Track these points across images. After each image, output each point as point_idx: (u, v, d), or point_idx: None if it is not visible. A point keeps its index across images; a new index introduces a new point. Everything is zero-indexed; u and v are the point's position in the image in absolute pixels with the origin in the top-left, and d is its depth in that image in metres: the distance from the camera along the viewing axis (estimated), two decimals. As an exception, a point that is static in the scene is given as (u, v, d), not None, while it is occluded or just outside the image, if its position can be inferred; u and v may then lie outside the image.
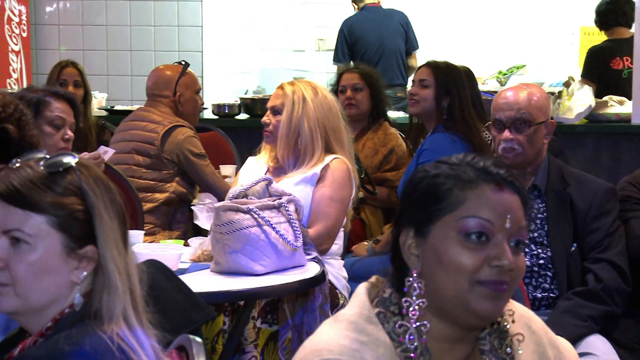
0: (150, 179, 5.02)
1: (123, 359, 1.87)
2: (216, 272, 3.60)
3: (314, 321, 3.80)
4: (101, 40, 8.68)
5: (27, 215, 1.91)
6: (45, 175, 1.94)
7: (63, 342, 1.85)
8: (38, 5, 8.74)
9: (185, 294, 2.58)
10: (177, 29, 8.67)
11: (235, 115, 7.42)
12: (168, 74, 5.26)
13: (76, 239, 1.93)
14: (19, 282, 1.91)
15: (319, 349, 1.83)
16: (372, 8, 8.20)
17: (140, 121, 5.15)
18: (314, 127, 4.09)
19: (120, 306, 1.93)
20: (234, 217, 3.56)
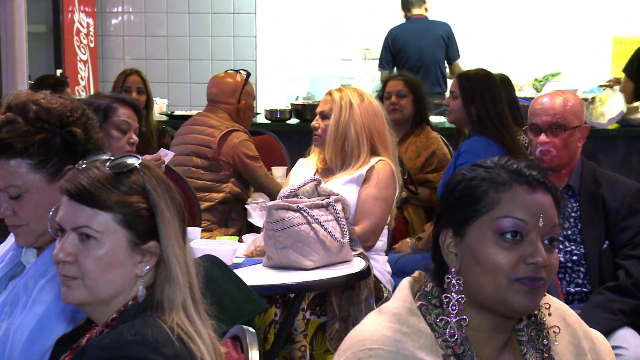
0: (208, 179, 5.04)
1: (182, 347, 1.87)
2: (268, 266, 3.61)
3: (360, 313, 3.79)
4: (162, 50, 8.72)
5: (95, 213, 1.92)
6: (111, 175, 1.94)
7: (127, 332, 1.86)
8: (104, 18, 8.80)
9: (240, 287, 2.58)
10: (232, 40, 8.69)
11: (287, 120, 7.43)
12: (232, 83, 5.27)
13: (140, 234, 1.94)
14: (87, 275, 1.92)
15: (363, 339, 1.83)
16: (417, 19, 8.16)
17: (198, 125, 5.17)
18: (360, 131, 4.09)
19: (180, 297, 1.93)
20: (285, 215, 3.56)
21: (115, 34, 8.83)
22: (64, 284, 1.95)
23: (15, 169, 2.30)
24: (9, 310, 2.30)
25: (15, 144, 2.30)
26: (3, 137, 2.30)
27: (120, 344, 1.84)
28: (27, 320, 2.25)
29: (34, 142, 2.31)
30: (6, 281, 2.40)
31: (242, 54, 8.61)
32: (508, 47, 8.79)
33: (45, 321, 2.24)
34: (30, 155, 2.31)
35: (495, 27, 8.91)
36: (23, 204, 2.31)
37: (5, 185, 2.30)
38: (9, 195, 2.31)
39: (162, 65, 8.63)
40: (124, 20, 8.84)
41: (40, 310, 2.25)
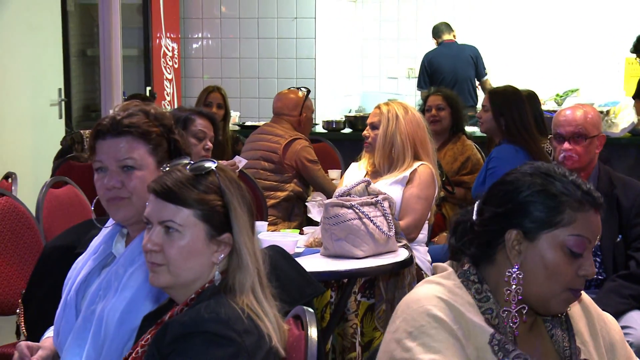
0: (273, 180, 5.05)
1: (251, 324, 1.87)
2: (325, 255, 3.60)
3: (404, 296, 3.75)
4: (235, 70, 8.76)
5: (177, 209, 1.93)
6: (191, 176, 1.95)
7: (203, 310, 1.86)
8: (187, 43, 8.85)
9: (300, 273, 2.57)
10: (295, 61, 8.70)
11: (341, 130, 7.43)
12: (295, 98, 5.29)
13: (216, 227, 1.94)
14: (171, 262, 1.93)
15: (418, 299, 1.82)
16: (448, 44, 8.25)
17: (266, 134, 5.19)
18: (405, 139, 4.07)
19: (250, 282, 1.93)
20: (339, 211, 3.55)
21: (195, 56, 8.88)
22: (151, 270, 1.96)
23: (136, 146, 2.32)
24: (102, 294, 2.31)
25: (139, 127, 2.32)
26: (129, 122, 2.32)
27: (197, 320, 1.84)
28: (118, 303, 2.25)
29: (152, 132, 2.34)
30: (99, 270, 2.40)
31: (303, 73, 8.61)
32: (533, 67, 8.72)
33: (133, 303, 2.24)
34: (149, 140, 2.33)
35: (522, 49, 8.86)
36: (132, 177, 2.31)
37: (124, 157, 2.31)
38: (124, 166, 2.31)
39: (235, 83, 8.65)
40: (203, 45, 8.89)
41: (129, 294, 2.26)
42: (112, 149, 2.32)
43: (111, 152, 2.32)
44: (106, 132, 2.33)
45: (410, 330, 1.78)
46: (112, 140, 2.33)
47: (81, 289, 2.37)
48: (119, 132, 2.32)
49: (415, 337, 1.77)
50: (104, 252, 2.41)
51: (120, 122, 2.33)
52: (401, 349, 1.77)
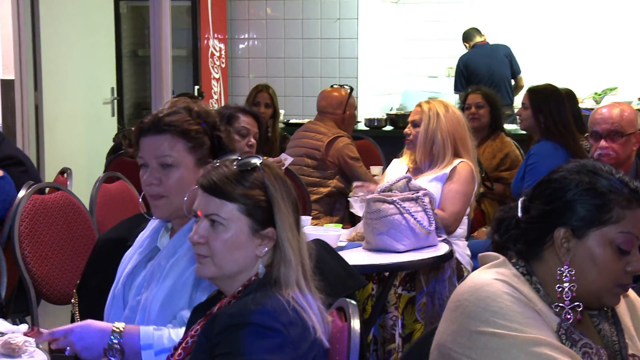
0: (316, 176, 5.07)
1: (296, 316, 1.87)
2: (367, 249, 3.59)
3: (444, 289, 3.76)
4: (280, 69, 8.77)
5: (222, 203, 1.94)
6: (237, 172, 1.95)
7: (250, 302, 1.87)
8: (233, 43, 8.88)
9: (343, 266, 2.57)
10: (338, 60, 8.69)
11: (383, 127, 7.41)
12: (338, 96, 5.29)
13: (259, 222, 1.94)
14: (216, 254, 1.94)
15: (484, 284, 1.79)
16: (481, 45, 8.25)
17: (309, 132, 5.21)
18: (446, 137, 4.04)
19: (294, 275, 1.93)
20: (381, 206, 3.55)
21: (242, 56, 8.91)
22: (198, 261, 1.98)
23: (175, 144, 2.33)
24: (147, 285, 2.34)
25: (179, 126, 2.33)
26: (169, 120, 2.34)
27: (244, 312, 1.85)
28: (159, 292, 2.28)
29: (193, 130, 2.35)
30: (145, 262, 2.42)
31: (346, 72, 8.60)
32: (572, 66, 8.62)
33: (173, 292, 2.27)
34: (188, 138, 2.34)
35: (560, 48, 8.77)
36: (170, 175, 2.33)
37: (163, 154, 2.33)
38: (162, 164, 2.33)
39: (280, 82, 8.66)
40: (249, 45, 8.92)
41: (169, 283, 2.28)
42: (153, 147, 2.34)
43: (151, 149, 2.34)
44: (147, 130, 2.35)
45: (494, 309, 1.73)
46: (152, 138, 2.34)
47: (128, 282, 2.40)
48: (160, 130, 2.34)
49: (503, 315, 1.72)
50: (149, 245, 2.43)
51: (161, 120, 2.34)
52: (479, 321, 1.73)
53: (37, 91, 6.70)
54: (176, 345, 2.01)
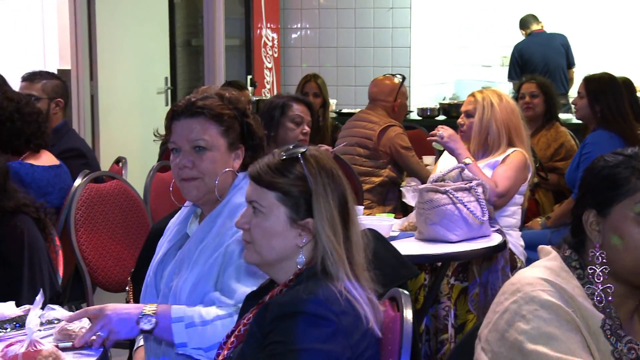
0: (368, 166, 5.07)
1: (348, 306, 1.87)
2: (419, 239, 3.58)
3: (497, 280, 3.73)
4: (332, 58, 8.77)
5: (263, 191, 1.96)
6: (280, 162, 1.97)
7: (302, 291, 1.87)
8: (286, 33, 8.90)
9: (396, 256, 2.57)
10: (390, 50, 8.66)
11: (435, 117, 7.37)
12: (390, 84, 5.29)
13: (298, 212, 1.95)
14: (255, 241, 1.97)
15: (528, 282, 1.79)
16: (537, 34, 8.15)
17: (361, 121, 5.20)
18: (500, 127, 4.00)
19: (339, 267, 1.92)
20: (434, 196, 3.53)
21: (294, 45, 8.92)
22: (245, 246, 2.02)
23: (208, 127, 2.36)
24: (177, 271, 2.37)
25: (213, 109, 2.37)
26: (203, 104, 2.38)
27: (296, 301, 1.86)
28: (189, 278, 2.31)
29: (225, 114, 2.38)
30: (175, 250, 2.45)
31: (399, 61, 8.57)
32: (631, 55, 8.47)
33: (200, 277, 2.30)
34: (221, 122, 2.37)
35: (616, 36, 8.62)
36: (204, 158, 2.36)
37: (197, 138, 2.36)
38: (196, 147, 2.36)
39: (333, 72, 8.66)
40: (302, 35, 8.93)
41: (198, 269, 2.31)
42: (186, 130, 2.37)
43: (184, 132, 2.37)
44: (180, 114, 2.39)
45: (523, 313, 1.75)
46: (185, 121, 2.37)
47: (159, 270, 2.43)
48: (193, 113, 2.37)
49: (528, 320, 1.74)
50: (179, 233, 2.46)
51: (194, 104, 2.37)
52: (514, 330, 1.75)
53: (93, 81, 6.78)
54: (229, 333, 2.03)
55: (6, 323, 2.39)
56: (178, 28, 8.18)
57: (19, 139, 3.67)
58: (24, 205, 2.95)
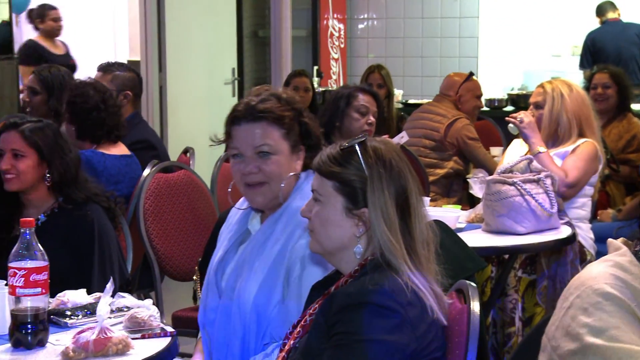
0: (433, 158, 5.07)
1: (413, 297, 1.86)
2: (486, 231, 3.55)
3: (566, 273, 3.68)
4: (399, 49, 8.73)
5: (322, 180, 1.97)
6: (338, 152, 1.97)
7: (368, 282, 1.87)
8: (353, 23, 8.89)
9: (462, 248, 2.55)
10: (458, 40, 8.59)
11: (503, 107, 7.30)
12: (455, 79, 5.29)
13: (353, 202, 1.94)
14: (314, 229, 1.99)
15: (594, 276, 1.76)
16: (612, 22, 7.99)
17: (428, 113, 5.21)
18: (571, 118, 3.94)
19: (396, 258, 1.91)
20: (501, 188, 3.50)
21: (361, 36, 8.91)
22: (310, 235, 2.03)
23: (271, 132, 2.33)
24: (239, 272, 2.35)
25: (274, 112, 2.34)
26: (264, 107, 2.34)
27: (362, 292, 1.86)
28: (253, 282, 2.30)
29: (285, 117, 2.36)
30: (236, 247, 2.44)
31: (466, 52, 8.50)
32: None
33: (265, 283, 2.29)
34: (282, 125, 2.34)
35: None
36: (269, 163, 2.34)
37: (261, 143, 2.33)
38: (261, 152, 2.33)
39: (399, 62, 8.63)
40: (368, 25, 8.91)
41: (261, 275, 2.30)
42: (248, 136, 2.33)
43: (247, 138, 2.33)
44: (241, 118, 2.34)
45: (586, 306, 1.73)
46: (247, 126, 2.33)
47: (219, 268, 2.42)
48: (255, 118, 2.33)
49: (590, 313, 1.72)
50: (240, 230, 2.44)
51: (255, 108, 2.33)
52: (576, 324, 1.73)
53: (162, 72, 6.88)
54: (294, 324, 2.04)
55: (78, 310, 2.44)
56: (245, 19, 8.23)
57: (101, 129, 3.85)
58: (94, 195, 3.00)
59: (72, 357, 2.12)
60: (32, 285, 2.18)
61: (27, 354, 2.18)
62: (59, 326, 2.37)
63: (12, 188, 2.91)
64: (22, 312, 2.19)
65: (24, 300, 2.19)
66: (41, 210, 2.93)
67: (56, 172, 2.91)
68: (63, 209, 2.93)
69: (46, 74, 4.55)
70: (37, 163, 2.90)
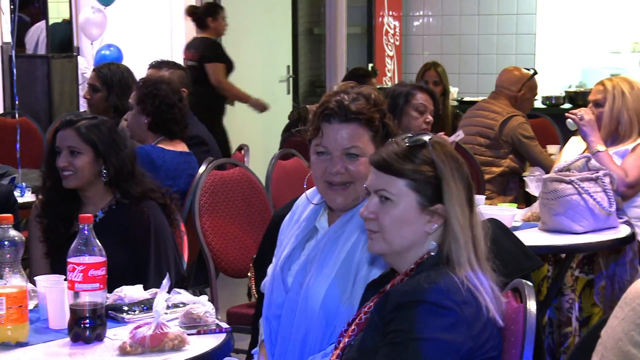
0: (489, 156, 5.04)
1: (469, 296, 1.86)
2: (543, 230, 3.52)
3: (625, 273, 3.63)
4: (455, 46, 8.68)
5: (391, 179, 1.95)
6: (406, 149, 1.96)
7: (423, 280, 1.87)
8: (408, 20, 8.86)
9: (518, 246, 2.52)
10: (514, 37, 8.51)
11: (561, 105, 7.22)
12: (518, 74, 5.24)
13: (428, 198, 1.94)
14: (385, 230, 1.96)
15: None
16: None
17: (483, 111, 5.17)
18: (632, 116, 3.88)
19: (465, 254, 1.91)
20: (558, 186, 3.46)
21: (416, 33, 8.88)
22: (369, 237, 2.00)
23: (362, 134, 2.31)
24: (309, 268, 2.35)
25: (365, 113, 2.31)
26: (356, 108, 2.31)
27: (417, 290, 1.85)
28: (321, 283, 2.30)
29: (375, 119, 2.33)
30: (303, 243, 2.42)
31: (523, 48, 8.42)
32: None
33: (336, 277, 2.28)
34: (371, 127, 2.31)
35: None
36: (357, 164, 2.31)
37: (351, 145, 2.30)
38: (350, 154, 2.31)
39: (455, 59, 8.58)
40: (423, 22, 8.87)
41: (330, 276, 2.29)
42: (339, 136, 2.30)
43: (338, 139, 2.31)
44: (333, 116, 2.31)
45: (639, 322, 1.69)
46: (338, 126, 2.31)
47: (286, 264, 2.41)
48: (347, 119, 2.30)
49: None
50: (307, 227, 2.43)
51: (348, 108, 2.30)
52: (628, 340, 1.68)
53: (217, 70, 6.91)
54: (349, 321, 2.04)
55: (135, 306, 2.47)
56: (300, 17, 8.26)
57: (178, 126, 4.00)
58: (150, 191, 3.03)
59: (129, 351, 2.15)
60: (91, 281, 2.22)
61: (86, 348, 2.21)
62: (117, 321, 2.40)
63: (70, 185, 2.96)
64: (81, 306, 2.23)
65: (83, 295, 2.22)
66: (99, 207, 2.97)
67: (112, 168, 2.94)
68: (120, 206, 2.97)
69: (106, 72, 4.66)
70: (93, 159, 2.94)
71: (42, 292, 2.43)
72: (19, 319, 2.23)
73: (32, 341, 2.25)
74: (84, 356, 2.17)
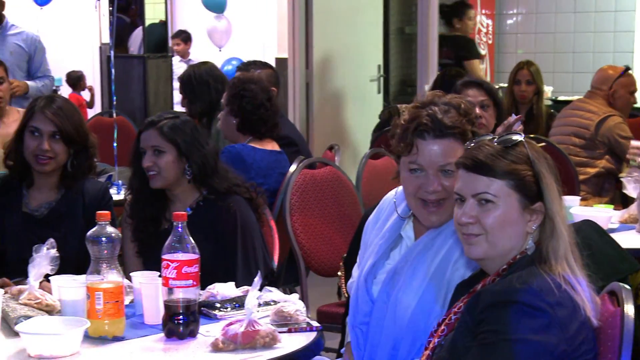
0: (583, 156, 4.97)
1: (564, 296, 1.83)
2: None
3: None
4: (550, 45, 8.53)
5: (490, 180, 1.93)
6: (501, 149, 1.95)
7: (515, 280, 1.85)
8: (501, 18, 8.76)
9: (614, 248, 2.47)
10: (612, 34, 8.32)
11: (660, 104, 7.02)
12: (609, 73, 5.14)
13: (528, 197, 1.93)
14: (489, 232, 1.94)
15: None
16: None
17: (578, 110, 5.10)
18: None
19: (564, 249, 1.90)
20: (657, 188, 3.37)
21: (510, 32, 8.76)
22: (466, 242, 1.97)
23: (456, 150, 2.24)
24: (396, 278, 2.33)
25: (459, 127, 2.27)
26: (450, 122, 2.27)
27: (509, 290, 1.84)
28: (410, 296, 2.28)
29: (467, 131, 2.29)
30: (388, 252, 2.41)
31: (621, 46, 8.21)
32: None
33: (426, 291, 2.27)
34: (463, 140, 2.23)
35: None
36: (452, 180, 2.22)
37: (445, 162, 2.27)
38: (445, 171, 2.28)
39: (549, 58, 8.43)
40: (517, 20, 8.75)
41: (420, 281, 2.28)
42: (434, 154, 2.26)
43: (433, 156, 2.26)
44: (427, 133, 2.27)
45: None
46: (433, 142, 2.26)
47: (371, 273, 2.40)
48: (443, 135, 2.26)
49: None
50: (392, 236, 2.41)
51: (442, 123, 2.26)
52: None
53: (308, 69, 6.97)
54: (439, 322, 2.03)
55: (227, 303, 2.50)
56: (392, 15, 8.23)
57: (265, 126, 4.04)
58: (235, 186, 3.06)
59: (221, 348, 2.18)
60: (184, 277, 2.25)
61: (179, 343, 2.25)
62: (209, 318, 2.44)
63: (157, 185, 3.01)
64: (175, 303, 2.27)
65: (176, 292, 2.26)
66: (187, 204, 3.01)
67: (195, 165, 2.99)
68: (207, 202, 3.00)
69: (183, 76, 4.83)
70: (176, 158, 2.98)
71: (137, 288, 2.49)
72: (116, 313, 2.28)
73: (128, 336, 2.30)
74: (178, 352, 2.21)
